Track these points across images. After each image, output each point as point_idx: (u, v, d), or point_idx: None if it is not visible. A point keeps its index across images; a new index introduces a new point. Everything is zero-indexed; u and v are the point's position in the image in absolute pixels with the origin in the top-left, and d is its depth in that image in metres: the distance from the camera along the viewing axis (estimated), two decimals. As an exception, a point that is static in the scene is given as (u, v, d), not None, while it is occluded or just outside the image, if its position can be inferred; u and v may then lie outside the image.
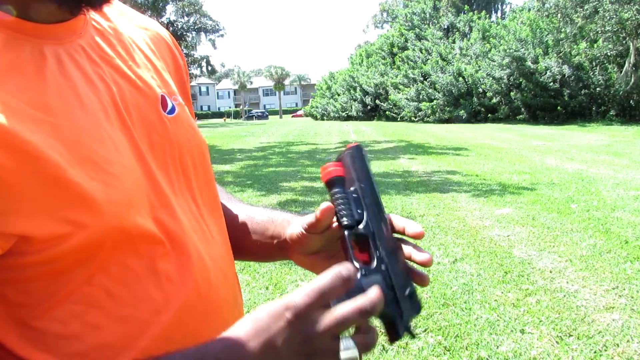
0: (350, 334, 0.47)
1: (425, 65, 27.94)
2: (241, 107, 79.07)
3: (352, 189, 0.58)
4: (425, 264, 0.56)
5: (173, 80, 0.68)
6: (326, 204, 0.59)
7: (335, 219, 0.60)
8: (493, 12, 43.94)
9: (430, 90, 26.42)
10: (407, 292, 0.54)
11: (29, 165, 0.44)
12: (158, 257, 0.54)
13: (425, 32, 31.09)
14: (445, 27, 30.96)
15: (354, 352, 0.46)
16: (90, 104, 0.53)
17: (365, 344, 0.47)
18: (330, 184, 0.59)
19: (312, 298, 0.45)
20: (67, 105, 0.50)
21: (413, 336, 0.55)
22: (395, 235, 0.60)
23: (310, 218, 0.63)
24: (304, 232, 0.65)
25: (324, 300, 0.45)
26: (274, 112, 78.95)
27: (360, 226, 0.56)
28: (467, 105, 24.52)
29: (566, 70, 20.59)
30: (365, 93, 34.63)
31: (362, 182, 0.58)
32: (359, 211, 0.57)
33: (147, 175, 0.56)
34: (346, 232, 0.57)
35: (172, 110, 0.63)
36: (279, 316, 0.45)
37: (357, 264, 0.54)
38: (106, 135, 0.52)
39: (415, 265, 0.58)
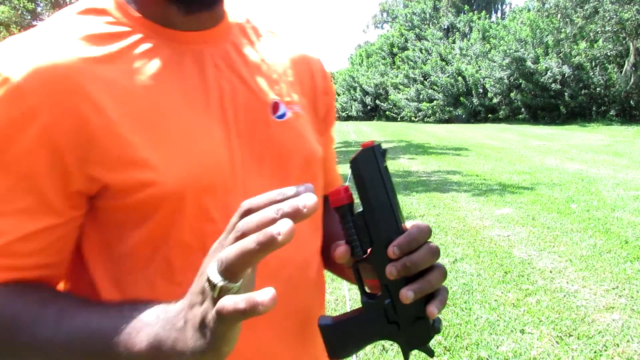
0: None
1: (425, 65, 27.91)
2: (241, 107, 78.93)
3: (359, 211, 0.54)
4: (429, 316, 0.57)
5: (301, 96, 0.76)
6: (338, 245, 0.57)
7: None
8: (493, 12, 43.97)
9: (430, 91, 26.40)
10: (414, 320, 0.55)
11: (113, 129, 0.56)
12: (208, 234, 0.60)
13: (425, 32, 31.07)
14: (445, 27, 30.97)
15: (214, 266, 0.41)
16: (193, 95, 0.63)
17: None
18: (338, 212, 0.54)
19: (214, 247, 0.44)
20: (173, 91, 0.61)
21: (430, 355, 0.56)
22: None
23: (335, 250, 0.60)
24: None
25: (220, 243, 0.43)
26: (274, 112, 78.90)
27: (371, 254, 0.54)
28: (467, 105, 24.51)
29: (566, 70, 20.55)
30: (365, 93, 34.60)
31: (366, 201, 0.53)
32: (365, 239, 0.53)
33: (230, 163, 0.63)
34: (352, 266, 0.56)
35: (283, 115, 0.70)
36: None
37: (363, 298, 0.55)
38: (200, 122, 0.62)
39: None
